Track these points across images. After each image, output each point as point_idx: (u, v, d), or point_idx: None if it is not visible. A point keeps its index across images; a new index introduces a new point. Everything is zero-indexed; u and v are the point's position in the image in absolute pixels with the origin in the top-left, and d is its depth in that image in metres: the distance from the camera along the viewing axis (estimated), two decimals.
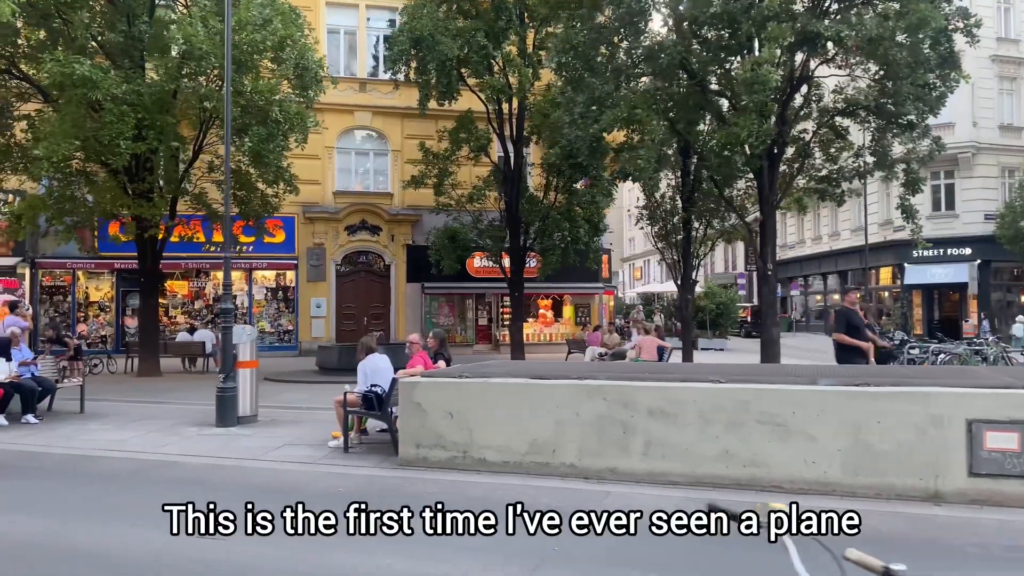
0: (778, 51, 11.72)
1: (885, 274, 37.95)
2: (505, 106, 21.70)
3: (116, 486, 7.38)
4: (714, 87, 14.96)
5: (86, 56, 14.49)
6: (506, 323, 28.61)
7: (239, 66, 15.18)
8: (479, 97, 21.61)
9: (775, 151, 13.79)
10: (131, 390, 15.17)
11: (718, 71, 14.11)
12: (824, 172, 15.85)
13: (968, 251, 32.97)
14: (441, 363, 9.63)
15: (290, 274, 26.06)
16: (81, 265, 24.39)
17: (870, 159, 14.87)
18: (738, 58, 13.95)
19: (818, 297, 44.62)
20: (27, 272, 23.97)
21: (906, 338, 19.52)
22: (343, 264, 26.61)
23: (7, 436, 9.88)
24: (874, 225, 37.67)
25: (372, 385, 8.82)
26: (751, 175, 15.16)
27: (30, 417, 10.90)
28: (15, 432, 10.18)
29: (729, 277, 52.42)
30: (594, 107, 13.63)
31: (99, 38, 15.48)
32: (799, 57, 13.75)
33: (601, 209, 21.67)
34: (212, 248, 20.27)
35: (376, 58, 27.43)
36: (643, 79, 14.41)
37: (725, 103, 14.82)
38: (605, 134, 14.12)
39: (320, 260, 26.21)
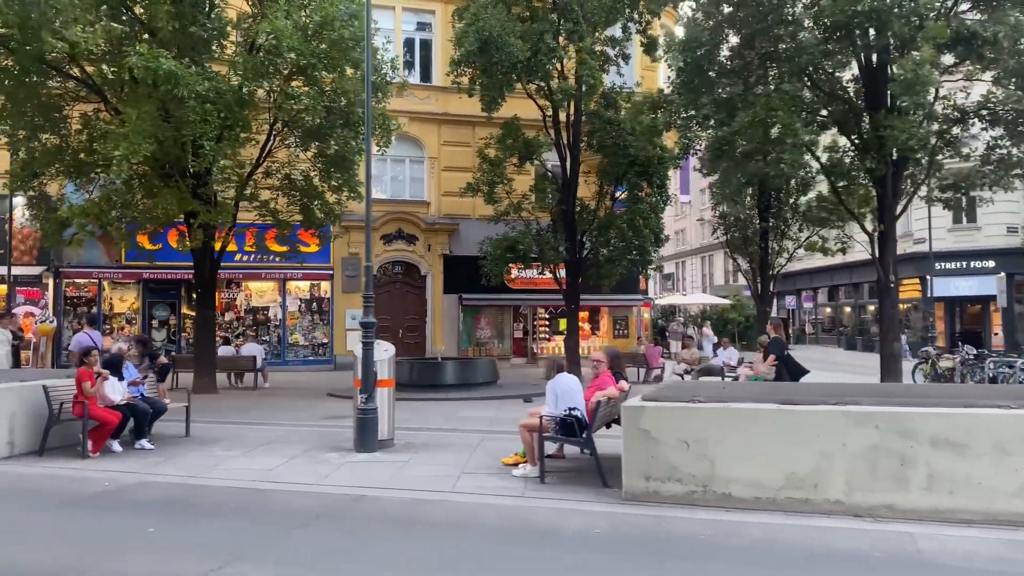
0: (932, 51, 11.21)
1: (905, 286, 37.86)
2: (562, 111, 21.04)
3: (338, 530, 6.39)
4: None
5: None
6: (542, 336, 27.91)
7: (325, 63, 14.36)
8: (535, 103, 20.97)
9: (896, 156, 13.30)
10: (207, 409, 14.04)
11: (831, 72, 13.58)
12: (950, 180, 15.41)
13: (991, 263, 32.97)
14: (623, 383, 8.85)
15: (324, 284, 25.05)
16: (108, 275, 23.18)
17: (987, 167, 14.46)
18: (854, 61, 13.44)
19: (828, 310, 44.56)
20: (51, 282, 22.68)
21: (984, 352, 19.13)
22: (378, 274, 25.65)
23: (136, 465, 8.90)
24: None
25: (570, 408, 8.01)
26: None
27: (144, 442, 9.93)
28: (138, 460, 9.19)
29: (732, 289, 52.01)
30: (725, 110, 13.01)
31: (168, 30, 14.41)
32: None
33: (660, 217, 21.06)
34: (273, 258, 19.29)
35: (410, 63, 26.59)
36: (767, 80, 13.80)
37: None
38: (738, 137, 13.49)
39: (355, 270, 25.23)
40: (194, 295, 17.95)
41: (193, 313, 24.35)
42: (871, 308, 42.10)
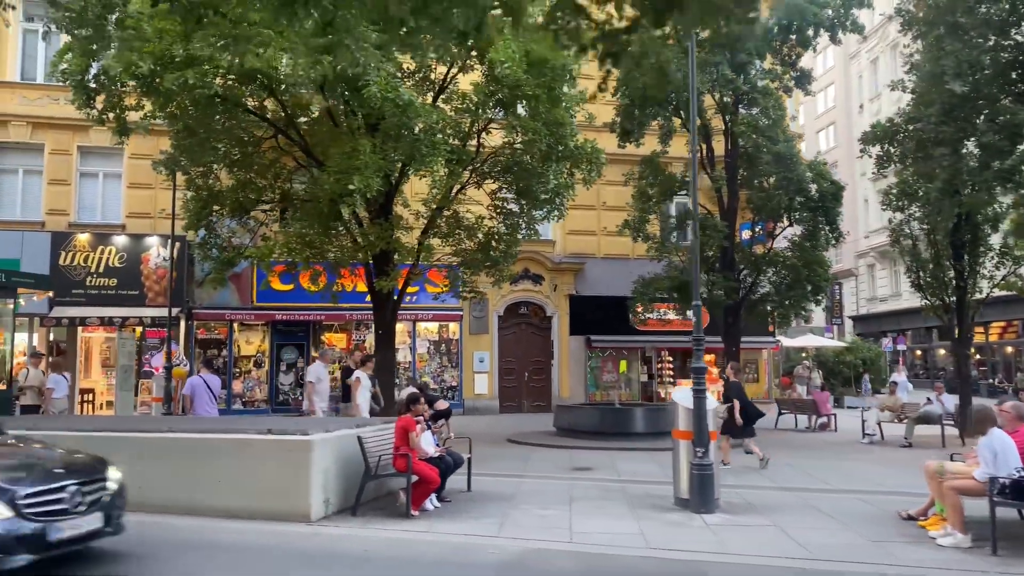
0: None
1: (998, 329, 36.74)
2: (718, 145, 20.43)
3: None
4: None
5: None
6: (668, 380, 26.90)
7: (547, 95, 13.70)
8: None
9: None
10: None
11: None
12: None
13: None
14: None
15: (453, 326, 24.20)
16: (239, 317, 22.39)
17: None
18: None
19: (918, 352, 43.46)
20: (182, 324, 21.95)
21: None
22: (504, 315, 24.84)
23: (472, 526, 7.92)
24: (985, 280, 36.58)
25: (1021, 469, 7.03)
26: None
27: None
28: (468, 521, 8.20)
29: (802, 331, 50.50)
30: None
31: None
32: None
33: (825, 253, 20.28)
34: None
35: None
36: None
37: None
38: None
39: (483, 311, 24.42)
40: (326, 337, 17.03)
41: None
42: None
